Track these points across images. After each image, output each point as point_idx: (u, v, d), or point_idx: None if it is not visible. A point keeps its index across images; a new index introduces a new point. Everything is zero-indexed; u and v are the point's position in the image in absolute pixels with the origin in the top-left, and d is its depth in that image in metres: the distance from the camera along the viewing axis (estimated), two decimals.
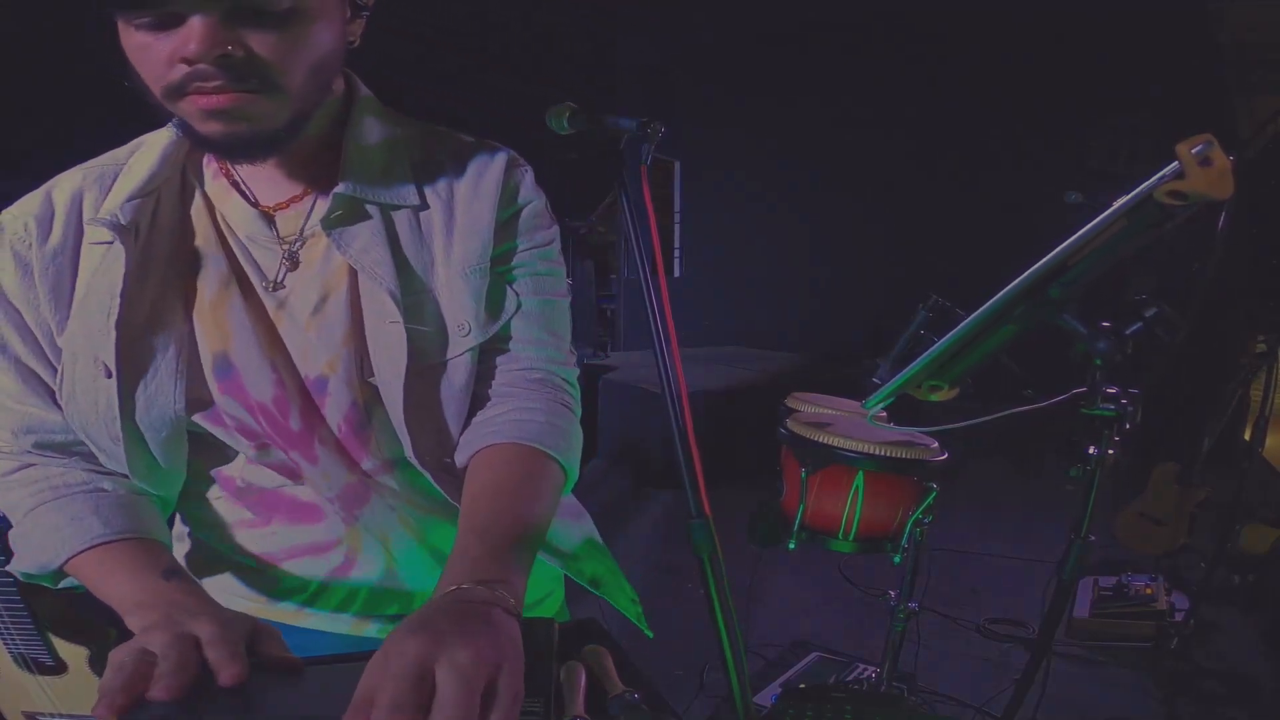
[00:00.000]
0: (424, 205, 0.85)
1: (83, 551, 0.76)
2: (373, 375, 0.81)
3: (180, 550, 0.95)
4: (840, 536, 1.68)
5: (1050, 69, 5.11)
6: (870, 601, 3.05)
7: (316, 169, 0.82)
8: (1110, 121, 5.00)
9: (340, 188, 0.80)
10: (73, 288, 0.78)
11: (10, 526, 0.83)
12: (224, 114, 0.69)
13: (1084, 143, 5.05)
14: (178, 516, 0.93)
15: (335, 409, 0.83)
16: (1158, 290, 4.38)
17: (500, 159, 0.89)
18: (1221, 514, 2.96)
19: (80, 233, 0.79)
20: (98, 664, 1.40)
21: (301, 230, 0.82)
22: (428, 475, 0.83)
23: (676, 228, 7.74)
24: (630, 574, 1.16)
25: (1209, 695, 2.46)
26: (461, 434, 0.87)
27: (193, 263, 0.80)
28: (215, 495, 0.89)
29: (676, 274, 7.69)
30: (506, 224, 0.88)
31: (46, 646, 1.38)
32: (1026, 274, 1.18)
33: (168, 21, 0.65)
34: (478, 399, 0.89)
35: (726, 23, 6.74)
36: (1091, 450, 1.29)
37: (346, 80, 0.86)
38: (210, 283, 0.80)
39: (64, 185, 0.81)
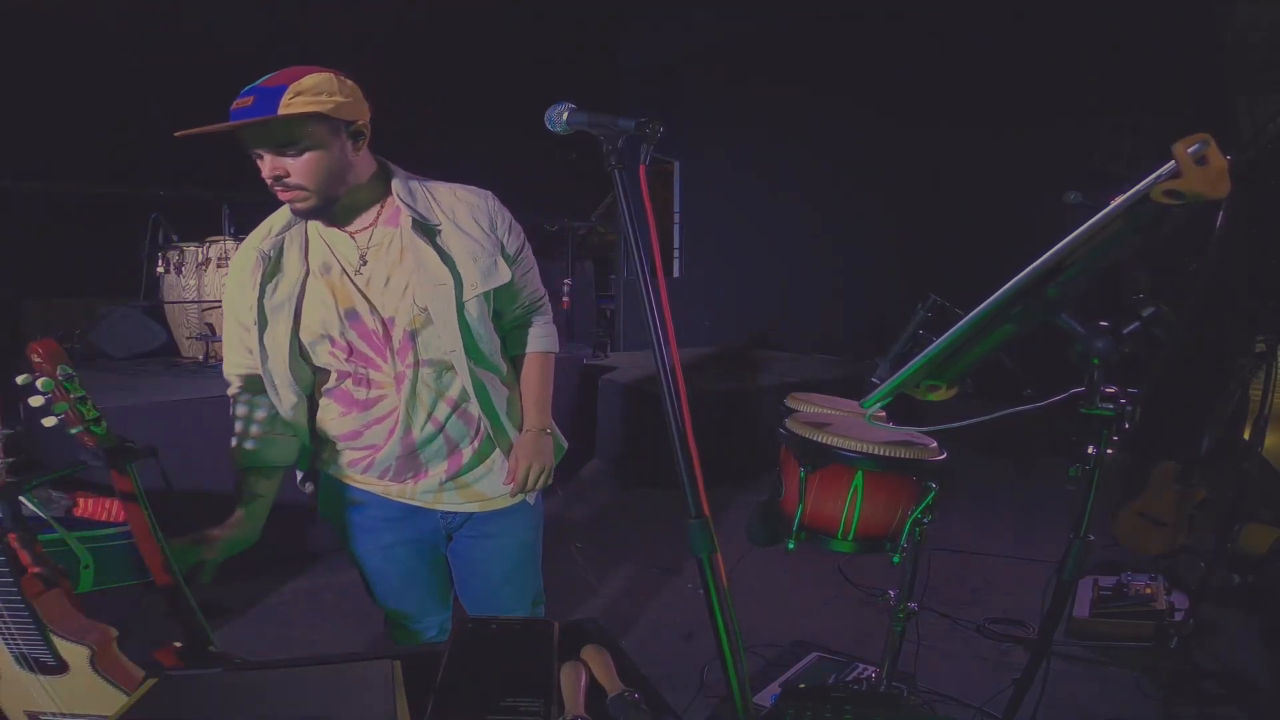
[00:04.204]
0: (440, 222, 1.53)
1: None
2: (426, 312, 1.49)
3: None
4: (839, 536, 1.68)
5: (1052, 69, 5.11)
6: (870, 601, 3.05)
7: (368, 211, 1.52)
8: (1111, 121, 5.00)
9: (410, 215, 1.49)
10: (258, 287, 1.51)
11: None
12: (289, 201, 1.43)
13: (1084, 143, 5.04)
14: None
15: (399, 330, 1.51)
16: (1155, 290, 4.38)
17: (483, 194, 1.61)
18: (1221, 514, 2.96)
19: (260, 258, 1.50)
20: (98, 664, 1.40)
21: (369, 241, 1.51)
22: (454, 362, 1.53)
23: (676, 228, 7.74)
24: (630, 573, 1.16)
25: (1209, 695, 2.46)
26: (502, 338, 1.66)
27: (325, 262, 1.52)
28: (326, 403, 1.60)
29: (676, 274, 7.69)
30: (499, 236, 1.59)
31: (48, 646, 1.38)
32: (1024, 273, 1.18)
33: (259, 156, 1.40)
34: (509, 320, 1.69)
35: (727, 23, 6.74)
36: (1091, 450, 1.29)
37: (379, 163, 1.53)
38: (332, 272, 1.51)
39: (265, 229, 1.55)
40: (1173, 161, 1.01)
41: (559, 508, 3.88)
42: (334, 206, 1.44)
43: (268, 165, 1.37)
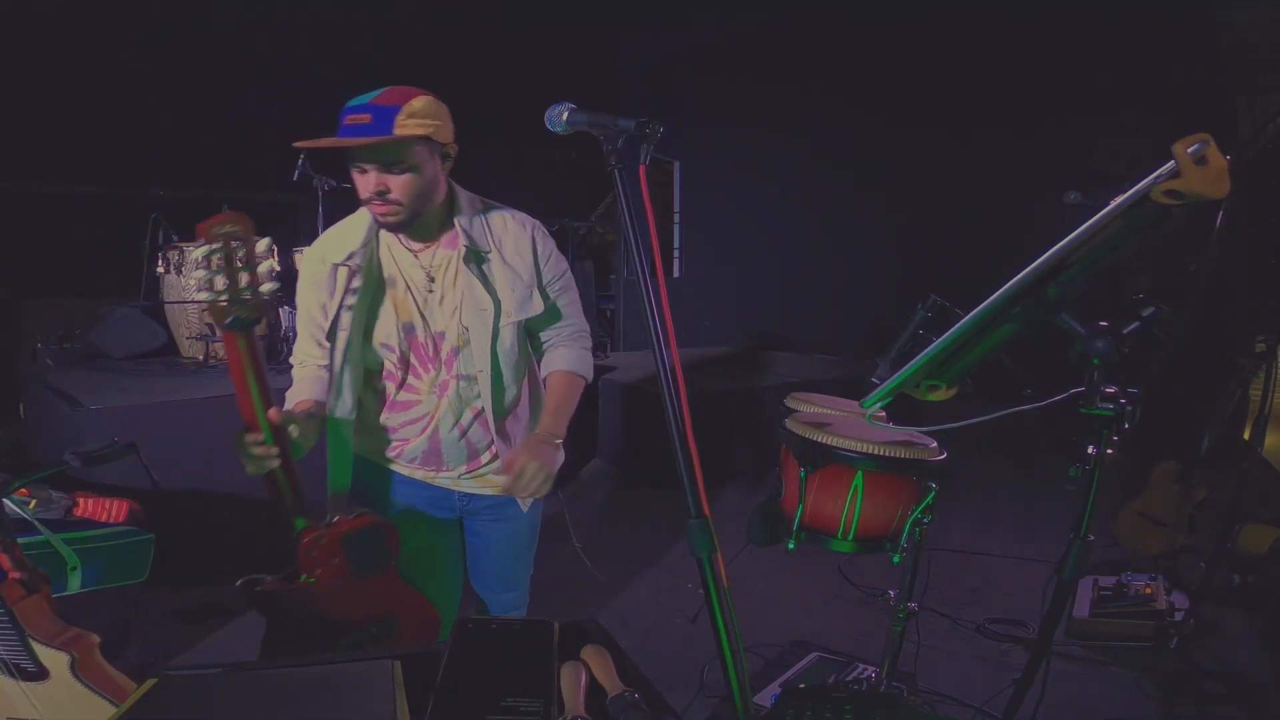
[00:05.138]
0: (490, 250, 1.65)
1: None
2: (467, 332, 1.63)
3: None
4: (839, 536, 1.67)
5: (1052, 69, 5.10)
6: (870, 601, 3.06)
7: (437, 233, 1.64)
8: (1111, 122, 5.00)
9: (464, 242, 1.62)
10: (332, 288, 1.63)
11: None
12: (382, 214, 1.53)
13: (1084, 143, 5.04)
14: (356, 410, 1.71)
15: (446, 345, 1.66)
16: (1155, 290, 4.38)
17: (528, 225, 1.71)
18: (1221, 514, 2.96)
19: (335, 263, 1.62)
20: (80, 670, 1.40)
21: (432, 262, 1.64)
22: (479, 379, 1.67)
23: (676, 228, 7.74)
24: (630, 574, 1.17)
25: (1209, 695, 2.46)
26: (538, 358, 1.83)
27: (390, 277, 1.64)
28: (370, 398, 1.72)
29: (676, 274, 7.69)
30: (538, 266, 1.70)
31: (29, 653, 1.38)
32: (1024, 273, 1.18)
33: (363, 171, 1.49)
34: (545, 344, 1.81)
35: (727, 23, 6.73)
36: (1091, 450, 1.29)
37: (449, 188, 1.63)
38: (397, 287, 1.64)
39: (333, 235, 1.66)
40: (1173, 161, 1.01)
41: (559, 508, 3.89)
42: (415, 223, 1.55)
43: (371, 181, 1.47)
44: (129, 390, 3.41)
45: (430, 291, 1.63)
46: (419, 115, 1.44)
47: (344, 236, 1.62)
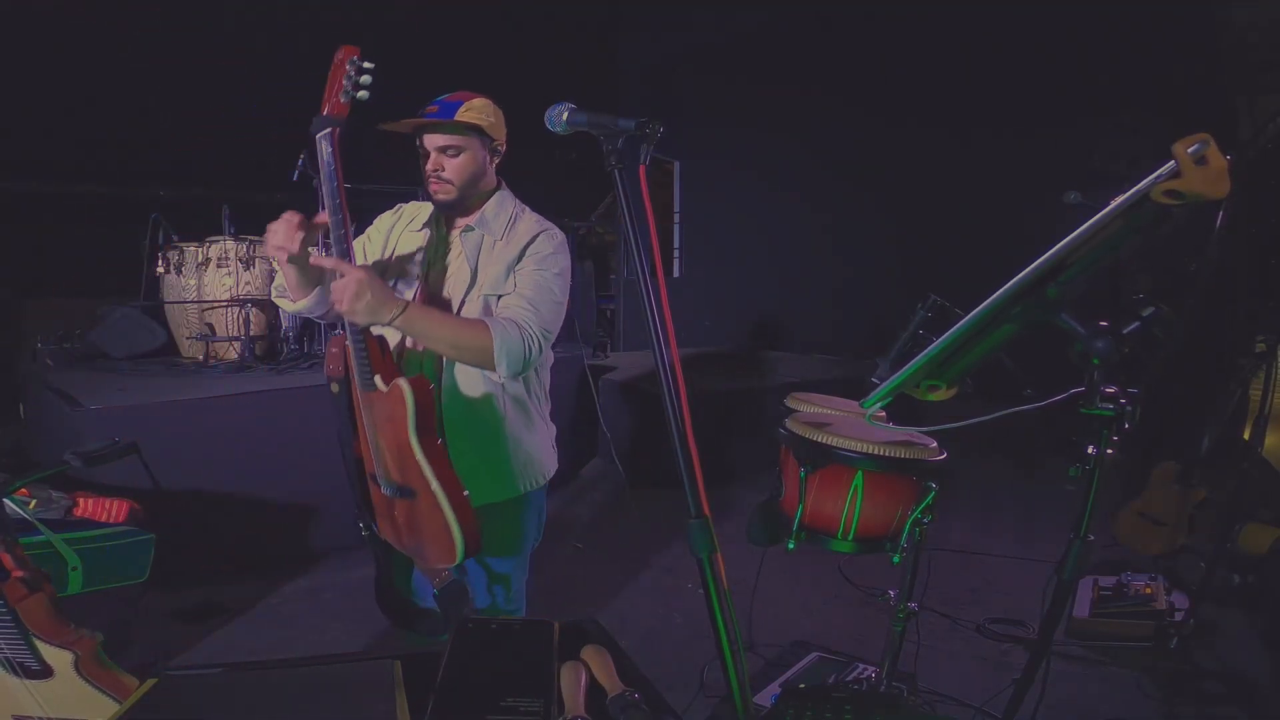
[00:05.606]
0: (494, 237, 1.79)
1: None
2: (449, 304, 1.76)
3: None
4: (839, 536, 1.67)
5: (1052, 69, 5.11)
6: (870, 601, 3.06)
7: (466, 219, 1.81)
8: (1111, 122, 5.00)
9: (475, 223, 1.80)
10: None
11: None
12: (436, 191, 1.75)
13: (1084, 143, 5.04)
14: None
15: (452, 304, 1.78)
16: (1155, 290, 4.38)
17: (543, 225, 1.82)
18: (1221, 514, 2.96)
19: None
20: (83, 668, 1.40)
21: (450, 235, 1.82)
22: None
23: (676, 228, 7.74)
24: (630, 573, 1.17)
25: (1209, 695, 2.46)
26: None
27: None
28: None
29: (676, 274, 7.69)
30: (524, 251, 1.78)
31: (32, 651, 1.38)
32: (1024, 273, 1.18)
33: (426, 153, 1.74)
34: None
35: (726, 23, 6.73)
36: (1091, 450, 1.29)
37: (499, 184, 1.84)
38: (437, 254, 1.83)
39: (404, 209, 1.93)
40: (1173, 161, 1.01)
41: (559, 508, 3.88)
42: (463, 205, 1.77)
43: (432, 160, 1.73)
44: (129, 390, 3.40)
45: (433, 264, 1.81)
46: (475, 110, 1.72)
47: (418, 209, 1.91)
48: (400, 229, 1.87)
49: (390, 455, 1.58)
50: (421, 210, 1.88)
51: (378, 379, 1.55)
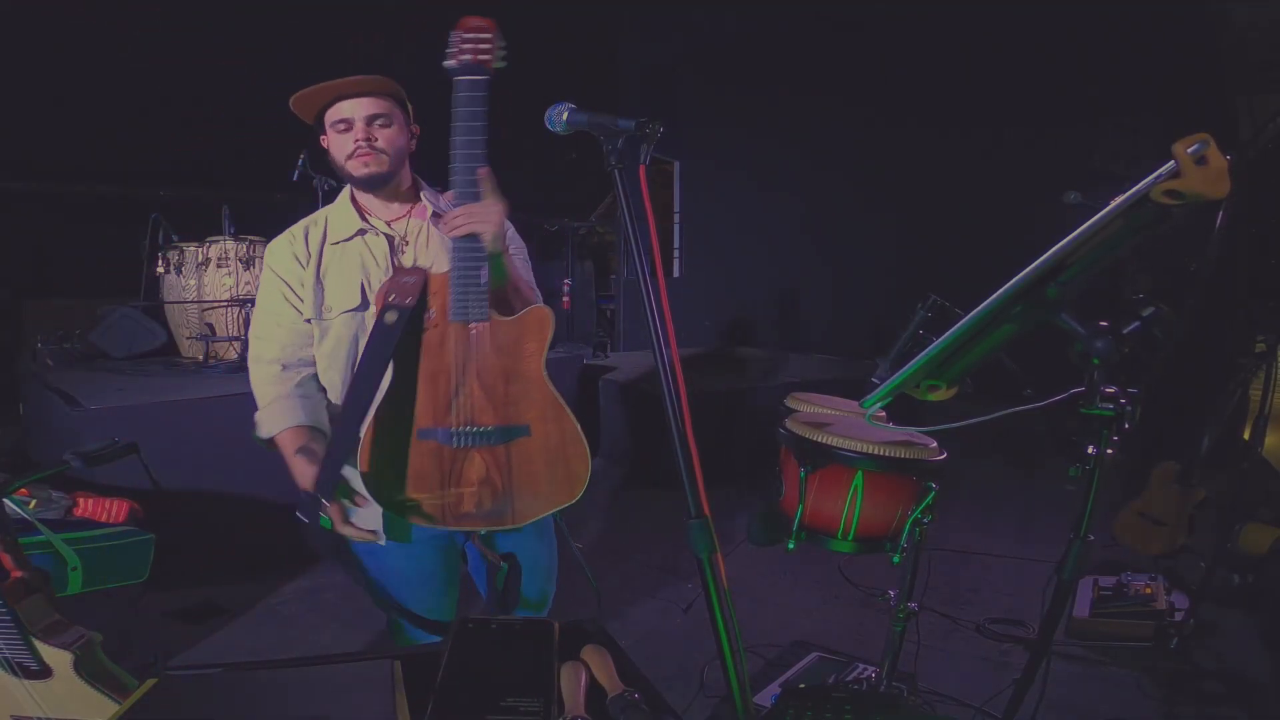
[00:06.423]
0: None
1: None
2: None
3: None
4: (839, 536, 1.67)
5: (1052, 69, 5.11)
6: (870, 601, 3.05)
7: (402, 207, 1.71)
8: (1111, 122, 5.00)
9: (432, 210, 1.69)
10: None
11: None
12: (368, 163, 1.60)
13: (1084, 143, 5.04)
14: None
15: None
16: (1155, 290, 4.38)
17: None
18: (1221, 514, 2.96)
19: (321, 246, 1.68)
20: (82, 668, 1.40)
21: (405, 229, 1.70)
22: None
23: (676, 228, 7.74)
24: (630, 573, 1.17)
25: (1209, 695, 2.46)
26: None
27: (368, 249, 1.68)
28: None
29: (676, 274, 7.69)
30: None
31: (31, 651, 1.38)
32: (1024, 273, 1.18)
33: (348, 126, 1.60)
34: None
35: (726, 23, 6.73)
36: (1091, 450, 1.28)
37: (412, 172, 1.73)
38: (377, 256, 1.67)
39: (309, 223, 1.72)
40: (1173, 161, 1.01)
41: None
42: (391, 183, 1.65)
43: (359, 130, 1.60)
44: (129, 390, 3.41)
45: (403, 254, 1.69)
46: (396, 86, 1.62)
47: (315, 220, 1.72)
48: (328, 257, 1.65)
49: (498, 392, 1.47)
50: (314, 228, 1.68)
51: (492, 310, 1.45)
